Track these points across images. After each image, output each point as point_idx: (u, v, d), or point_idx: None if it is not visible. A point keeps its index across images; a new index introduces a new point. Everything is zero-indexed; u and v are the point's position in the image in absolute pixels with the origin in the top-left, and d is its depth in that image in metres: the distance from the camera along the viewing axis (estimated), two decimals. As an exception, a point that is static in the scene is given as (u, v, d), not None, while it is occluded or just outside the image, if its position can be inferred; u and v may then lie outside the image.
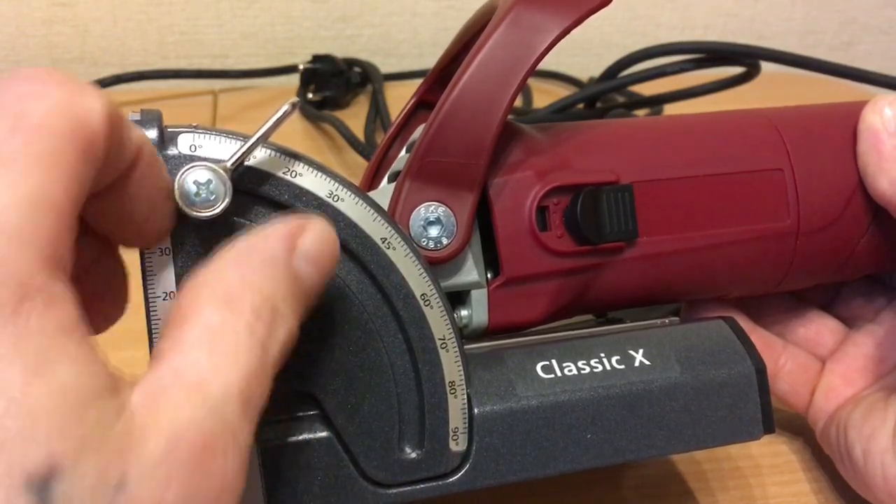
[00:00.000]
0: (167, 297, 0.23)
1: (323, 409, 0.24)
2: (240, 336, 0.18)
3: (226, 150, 0.23)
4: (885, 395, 0.31)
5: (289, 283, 0.20)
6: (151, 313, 0.23)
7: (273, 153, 0.23)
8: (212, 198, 0.22)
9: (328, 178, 0.24)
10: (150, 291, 0.23)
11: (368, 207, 0.24)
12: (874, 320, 0.35)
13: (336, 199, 0.23)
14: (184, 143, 0.23)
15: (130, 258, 0.23)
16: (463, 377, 0.25)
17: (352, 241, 0.24)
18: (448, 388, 0.24)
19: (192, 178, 0.22)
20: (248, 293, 0.18)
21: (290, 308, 0.19)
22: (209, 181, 0.22)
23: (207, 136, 0.23)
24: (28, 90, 0.17)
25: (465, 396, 0.25)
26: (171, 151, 0.23)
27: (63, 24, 0.70)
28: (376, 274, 0.24)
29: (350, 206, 0.24)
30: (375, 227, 0.24)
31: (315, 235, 0.21)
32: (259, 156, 0.23)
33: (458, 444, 0.25)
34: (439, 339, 0.24)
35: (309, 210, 0.23)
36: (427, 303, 0.24)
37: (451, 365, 0.24)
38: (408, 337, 0.24)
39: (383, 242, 0.24)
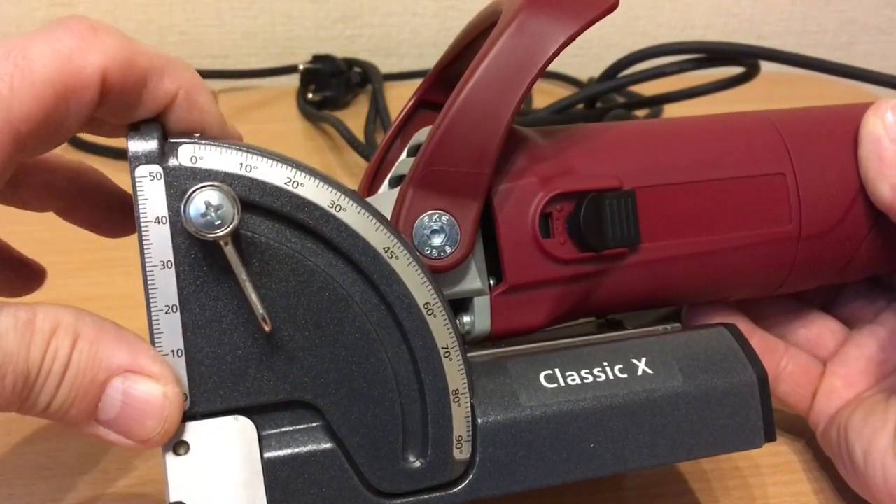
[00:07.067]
0: (170, 311, 0.23)
1: (326, 419, 0.24)
2: None
3: (227, 161, 0.23)
4: (885, 397, 0.31)
5: None
6: (154, 326, 0.23)
7: (274, 163, 0.23)
8: (217, 222, 0.22)
9: (329, 188, 0.24)
10: (152, 304, 0.23)
11: (371, 217, 0.24)
12: (875, 321, 0.35)
13: (338, 209, 0.23)
14: (184, 155, 0.23)
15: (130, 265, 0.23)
16: (466, 386, 0.25)
17: (354, 252, 0.24)
18: (451, 397, 0.24)
19: (204, 199, 0.22)
20: None
21: None
22: (220, 205, 0.22)
23: (209, 147, 0.23)
24: (50, 33, 0.21)
25: (469, 405, 0.25)
26: (172, 163, 0.23)
27: (62, 23, 0.70)
28: (379, 284, 0.24)
29: (352, 215, 0.24)
30: (378, 237, 0.24)
31: None
32: (260, 166, 0.23)
33: (461, 453, 0.25)
34: (442, 348, 0.24)
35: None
36: (430, 312, 0.24)
37: (454, 373, 0.24)
38: (411, 346, 0.24)
39: (386, 252, 0.24)
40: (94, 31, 0.22)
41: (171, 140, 0.23)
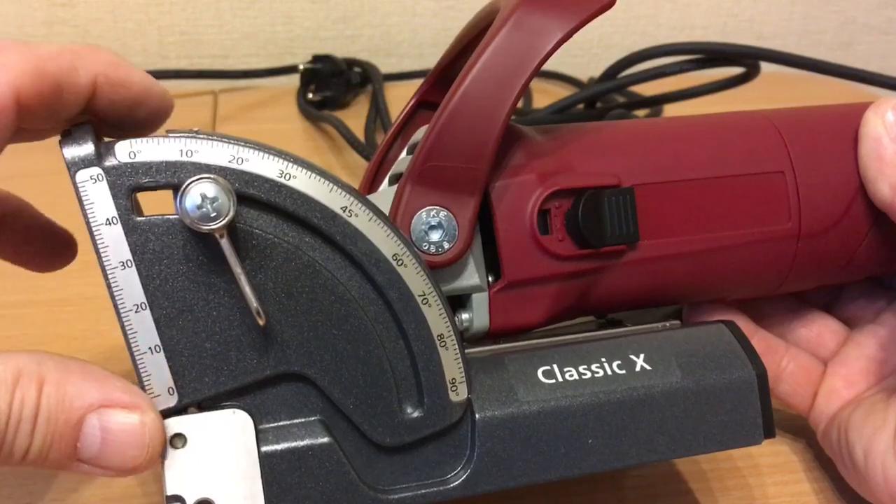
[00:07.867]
0: (139, 309, 0.23)
1: (318, 386, 0.24)
2: None
3: (165, 151, 0.23)
4: (885, 397, 0.31)
5: None
6: (126, 327, 0.23)
7: (216, 144, 0.23)
8: (213, 214, 0.22)
9: (277, 158, 0.23)
10: (120, 305, 0.23)
11: (319, 178, 0.23)
12: (875, 321, 0.35)
13: (288, 177, 0.23)
14: (121, 152, 0.23)
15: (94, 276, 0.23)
16: (451, 329, 0.25)
17: (312, 217, 0.23)
18: (437, 342, 0.24)
19: (200, 191, 0.22)
20: None
21: None
22: (216, 197, 0.22)
23: (145, 140, 0.23)
24: None
25: (457, 347, 0.25)
26: (111, 162, 0.22)
27: (63, 24, 0.70)
28: (343, 244, 0.24)
29: (303, 181, 0.23)
30: (331, 198, 0.23)
31: None
32: (201, 150, 0.23)
33: (458, 395, 0.25)
34: (419, 295, 0.24)
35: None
36: (400, 263, 0.24)
37: (435, 319, 0.24)
38: (386, 299, 0.24)
39: (344, 211, 0.24)
40: (4, 52, 0.21)
41: (108, 140, 0.23)
